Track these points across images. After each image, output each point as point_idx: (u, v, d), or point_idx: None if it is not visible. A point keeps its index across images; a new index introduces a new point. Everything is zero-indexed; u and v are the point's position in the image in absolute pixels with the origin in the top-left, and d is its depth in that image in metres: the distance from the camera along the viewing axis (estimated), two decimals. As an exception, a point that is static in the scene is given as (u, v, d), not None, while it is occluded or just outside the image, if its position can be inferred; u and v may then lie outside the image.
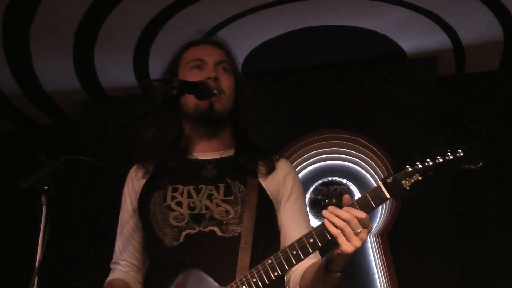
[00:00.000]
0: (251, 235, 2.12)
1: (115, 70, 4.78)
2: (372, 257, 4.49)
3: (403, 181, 1.91)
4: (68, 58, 4.61)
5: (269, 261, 1.98)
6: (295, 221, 2.25)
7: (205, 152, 2.28)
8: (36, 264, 1.81)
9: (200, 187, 2.20)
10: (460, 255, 4.44)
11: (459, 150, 1.89)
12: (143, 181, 2.31)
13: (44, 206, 1.85)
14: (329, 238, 1.91)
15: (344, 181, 4.64)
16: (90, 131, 4.95)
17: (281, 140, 4.11)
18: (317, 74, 4.90)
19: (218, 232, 2.12)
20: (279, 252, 1.98)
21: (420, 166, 1.90)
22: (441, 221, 4.47)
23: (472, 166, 1.88)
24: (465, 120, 4.79)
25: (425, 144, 4.53)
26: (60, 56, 4.58)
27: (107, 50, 4.53)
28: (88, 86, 5.00)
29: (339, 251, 1.89)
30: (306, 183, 4.61)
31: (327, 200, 4.52)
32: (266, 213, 2.22)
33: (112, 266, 2.37)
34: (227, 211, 2.15)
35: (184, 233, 2.14)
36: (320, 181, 4.68)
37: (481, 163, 1.88)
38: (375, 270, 4.48)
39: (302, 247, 1.95)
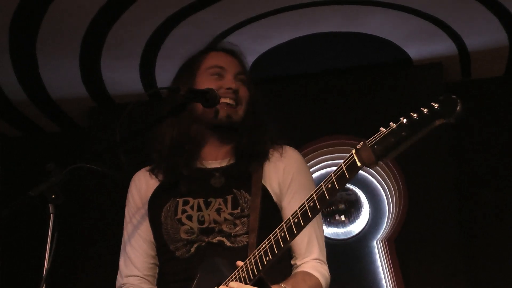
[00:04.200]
0: (255, 233, 2.12)
1: (122, 77, 4.79)
2: (379, 263, 4.49)
3: (376, 146, 1.73)
4: (75, 65, 4.61)
5: (263, 245, 1.95)
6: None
7: (212, 159, 2.28)
8: (44, 272, 1.81)
9: (209, 200, 2.20)
10: (466, 261, 4.43)
11: (435, 104, 1.68)
12: (152, 190, 2.30)
13: (51, 215, 1.86)
14: (311, 216, 1.85)
15: (351, 187, 4.63)
16: (98, 138, 4.97)
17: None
18: (323, 80, 4.89)
19: (227, 243, 2.15)
20: (271, 235, 1.94)
21: (394, 126, 1.71)
22: (447, 227, 4.46)
23: (448, 120, 1.64)
24: (472, 125, 4.78)
25: (430, 148, 4.57)
26: (67, 63, 4.58)
27: (113, 57, 4.54)
28: (95, 93, 5.00)
29: None
30: (312, 189, 4.60)
31: (333, 207, 4.50)
32: (270, 213, 2.20)
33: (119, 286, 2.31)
34: (234, 224, 2.16)
35: (195, 245, 2.17)
36: (326, 188, 4.66)
37: (456, 116, 1.64)
38: (382, 275, 4.47)
39: (288, 228, 1.89)
